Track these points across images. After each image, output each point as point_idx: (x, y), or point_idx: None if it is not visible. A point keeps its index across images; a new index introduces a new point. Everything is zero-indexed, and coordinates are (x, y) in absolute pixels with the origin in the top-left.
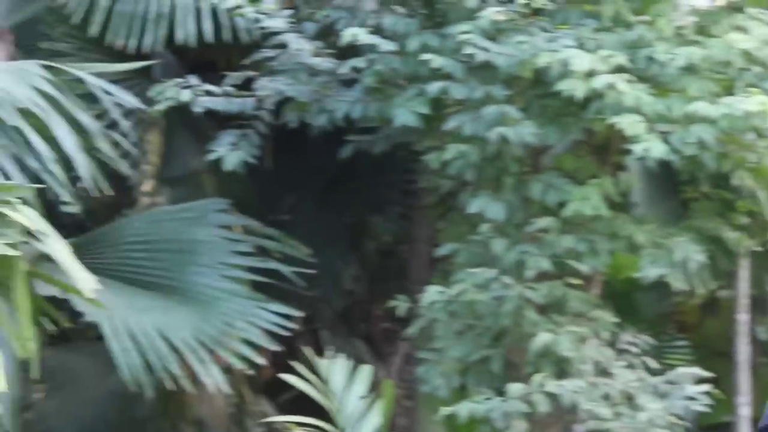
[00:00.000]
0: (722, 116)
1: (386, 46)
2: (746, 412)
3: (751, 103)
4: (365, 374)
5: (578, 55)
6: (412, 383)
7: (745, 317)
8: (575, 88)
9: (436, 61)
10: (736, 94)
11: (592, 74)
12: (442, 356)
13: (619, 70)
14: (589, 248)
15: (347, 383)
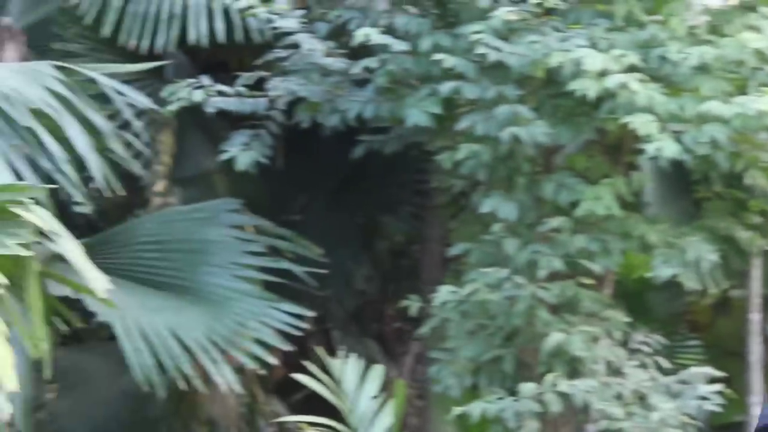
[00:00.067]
0: (735, 116)
1: (398, 46)
2: (759, 411)
3: (763, 102)
4: (377, 374)
5: (591, 54)
6: (424, 383)
7: (757, 317)
8: (588, 87)
9: (448, 60)
10: (749, 93)
11: (604, 74)
12: (454, 356)
13: (631, 69)
14: (601, 248)
15: (359, 383)
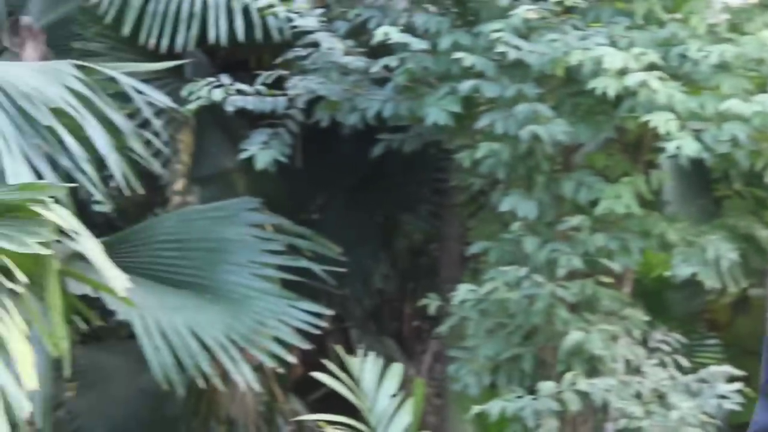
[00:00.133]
0: (755, 114)
1: (418, 44)
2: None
3: None
4: (396, 372)
5: (610, 53)
6: (442, 381)
7: None
8: (607, 86)
9: (467, 59)
10: None
11: (624, 72)
12: (472, 354)
13: (651, 67)
14: (620, 246)
15: (378, 381)
